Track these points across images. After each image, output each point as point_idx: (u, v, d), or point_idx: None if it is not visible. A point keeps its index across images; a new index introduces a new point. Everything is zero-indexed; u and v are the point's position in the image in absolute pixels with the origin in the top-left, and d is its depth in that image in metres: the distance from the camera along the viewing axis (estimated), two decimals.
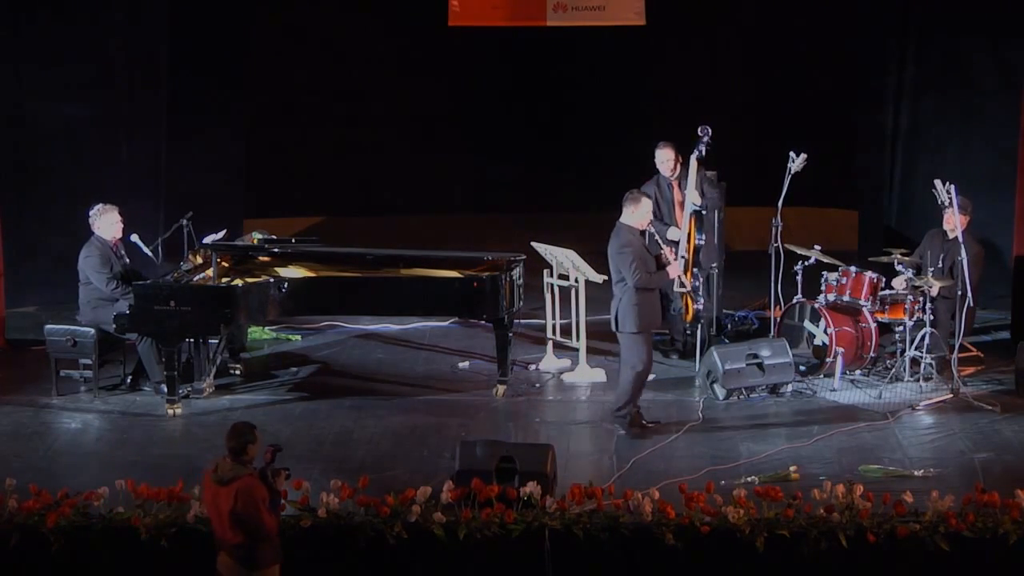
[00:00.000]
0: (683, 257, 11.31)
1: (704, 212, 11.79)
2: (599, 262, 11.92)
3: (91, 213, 11.36)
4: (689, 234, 11.73)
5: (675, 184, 11.95)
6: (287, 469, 7.69)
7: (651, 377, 11.55)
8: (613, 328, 10.28)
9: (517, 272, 11.34)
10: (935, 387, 11.08)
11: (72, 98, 13.50)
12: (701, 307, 11.70)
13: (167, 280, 11.07)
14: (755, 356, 10.97)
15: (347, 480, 8.81)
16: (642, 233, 10.26)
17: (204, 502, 7.91)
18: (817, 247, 11.80)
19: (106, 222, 11.32)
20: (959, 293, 11.08)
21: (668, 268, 10.36)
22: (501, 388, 11.28)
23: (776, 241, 11.75)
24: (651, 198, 10.52)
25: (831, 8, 15.51)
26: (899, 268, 11.46)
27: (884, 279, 11.57)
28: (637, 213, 10.19)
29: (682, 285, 11.05)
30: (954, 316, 11.14)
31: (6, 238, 12.80)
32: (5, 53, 13.26)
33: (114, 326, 11.02)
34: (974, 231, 11.66)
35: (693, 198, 11.72)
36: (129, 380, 11.41)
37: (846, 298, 11.49)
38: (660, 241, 10.52)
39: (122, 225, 11.41)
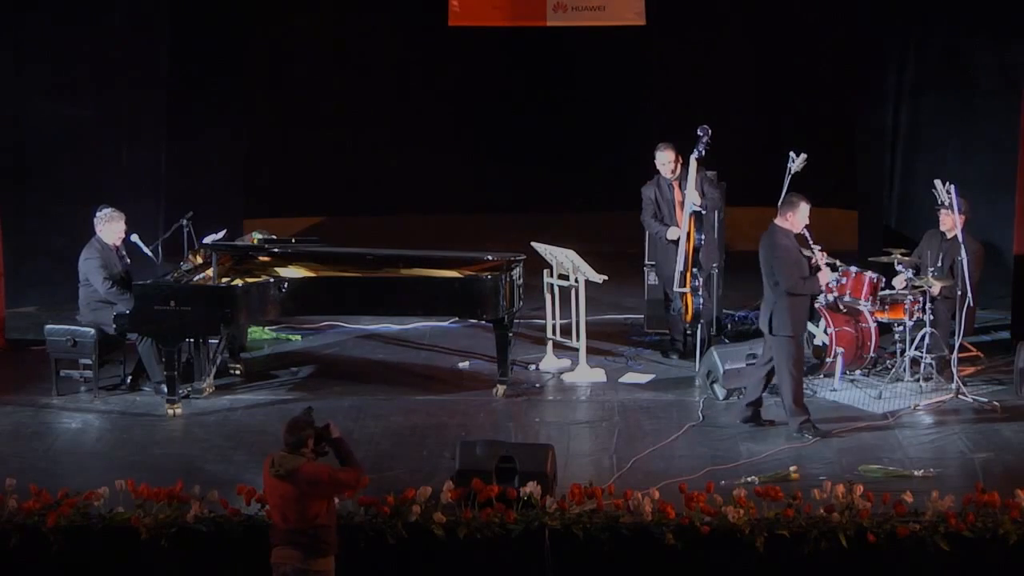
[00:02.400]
0: (830, 264, 11.11)
1: (704, 212, 11.79)
2: (599, 262, 11.94)
3: (97, 215, 11.34)
4: (689, 234, 11.74)
5: (675, 184, 11.96)
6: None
7: (651, 377, 11.61)
8: (765, 331, 10.22)
9: (517, 272, 11.33)
10: (935, 387, 11.07)
11: (72, 98, 13.49)
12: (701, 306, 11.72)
13: (167, 280, 11.07)
14: (755, 356, 10.96)
15: None
16: (797, 236, 10.22)
17: (265, 497, 8.09)
18: (817, 247, 11.78)
19: (110, 229, 11.30)
20: (959, 293, 11.08)
21: (819, 274, 10.32)
22: (501, 388, 11.27)
23: None
24: (807, 203, 10.21)
25: (831, 8, 15.50)
26: (899, 268, 11.46)
27: (884, 279, 11.56)
28: (794, 217, 10.16)
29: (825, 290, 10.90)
30: (954, 316, 11.14)
31: (6, 238, 12.79)
32: (6, 53, 13.26)
33: (114, 326, 11.02)
34: (974, 231, 11.65)
35: (693, 198, 11.73)
36: (129, 380, 11.41)
37: (846, 298, 11.48)
38: (811, 245, 10.37)
39: (124, 234, 11.42)
